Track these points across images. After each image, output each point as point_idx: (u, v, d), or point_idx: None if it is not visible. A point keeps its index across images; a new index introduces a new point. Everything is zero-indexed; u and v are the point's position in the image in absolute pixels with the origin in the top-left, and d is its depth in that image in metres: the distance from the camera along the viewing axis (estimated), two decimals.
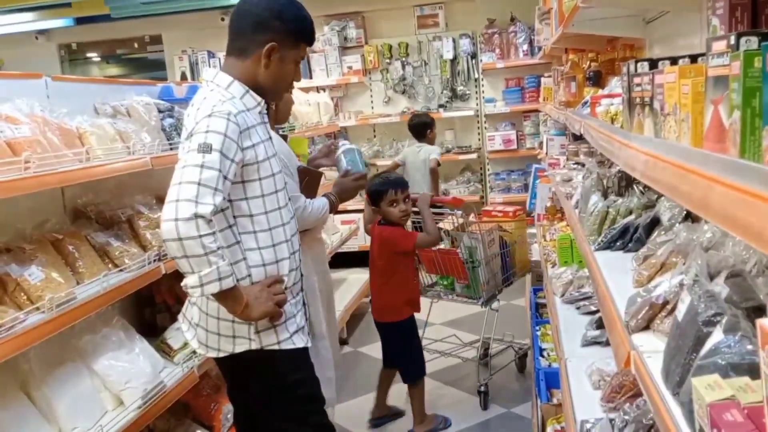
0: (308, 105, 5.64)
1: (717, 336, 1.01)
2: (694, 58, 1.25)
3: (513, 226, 4.22)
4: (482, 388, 3.82)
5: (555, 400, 2.81)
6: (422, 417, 3.57)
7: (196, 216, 1.82)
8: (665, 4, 2.21)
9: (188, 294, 1.96)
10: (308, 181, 2.82)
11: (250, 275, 2.08)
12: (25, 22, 7.36)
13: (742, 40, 0.79)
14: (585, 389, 2.17)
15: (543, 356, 3.34)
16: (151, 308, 3.25)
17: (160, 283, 2.96)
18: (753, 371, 0.90)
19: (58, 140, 2.35)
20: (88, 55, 8.64)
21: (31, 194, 2.20)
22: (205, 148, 1.89)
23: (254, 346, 2.11)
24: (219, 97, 2.02)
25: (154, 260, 2.72)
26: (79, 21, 7.55)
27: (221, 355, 2.15)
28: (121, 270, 2.57)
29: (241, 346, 2.12)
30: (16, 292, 2.17)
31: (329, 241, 5.06)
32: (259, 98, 2.14)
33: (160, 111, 3.11)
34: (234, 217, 2.06)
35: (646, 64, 1.40)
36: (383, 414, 3.74)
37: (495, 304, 3.92)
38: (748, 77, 0.72)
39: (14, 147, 2.12)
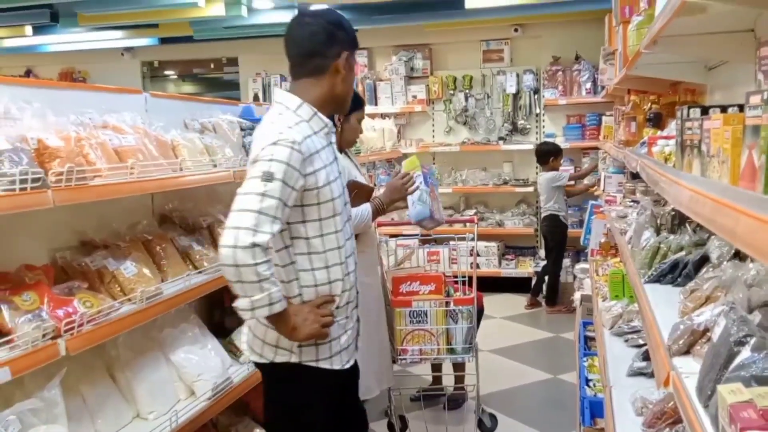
0: (373, 131, 5.88)
1: (745, 353, 1.14)
2: (742, 108, 1.39)
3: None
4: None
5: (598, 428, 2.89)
6: None
7: (254, 245, 1.87)
8: (724, 54, 2.32)
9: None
10: (356, 194, 2.91)
11: (301, 294, 2.12)
12: (113, 39, 7.87)
13: None
14: (628, 415, 2.26)
15: (589, 386, 3.42)
16: (221, 310, 3.47)
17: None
18: None
19: (156, 151, 2.61)
20: (166, 72, 9.16)
21: (126, 197, 2.46)
22: (268, 177, 1.93)
23: (294, 359, 2.15)
24: (286, 122, 2.05)
25: None
26: (164, 41, 8.06)
27: (261, 360, 2.19)
28: (200, 272, 2.81)
29: (281, 357, 2.16)
30: (112, 283, 2.42)
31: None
32: (326, 120, 2.16)
33: (242, 129, 3.36)
34: (291, 238, 2.10)
35: (698, 110, 1.54)
36: None
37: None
38: None
39: (121, 154, 2.39)
